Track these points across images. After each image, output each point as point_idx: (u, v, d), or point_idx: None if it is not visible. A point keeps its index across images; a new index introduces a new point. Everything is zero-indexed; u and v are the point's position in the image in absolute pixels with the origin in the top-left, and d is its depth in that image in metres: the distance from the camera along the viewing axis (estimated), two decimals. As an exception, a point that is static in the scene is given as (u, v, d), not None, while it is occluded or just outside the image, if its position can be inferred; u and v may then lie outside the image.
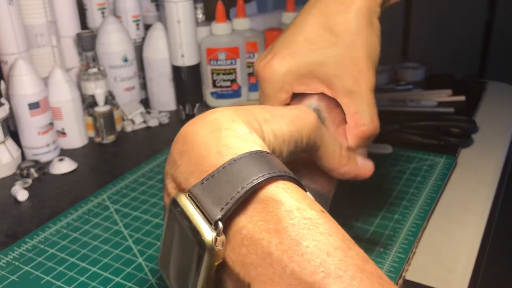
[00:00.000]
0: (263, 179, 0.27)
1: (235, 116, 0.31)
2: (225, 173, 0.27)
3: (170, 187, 0.32)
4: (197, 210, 0.27)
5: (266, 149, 0.30)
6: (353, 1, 0.40)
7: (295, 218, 0.26)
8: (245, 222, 0.27)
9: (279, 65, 0.41)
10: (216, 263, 0.26)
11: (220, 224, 0.26)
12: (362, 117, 0.39)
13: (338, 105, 0.41)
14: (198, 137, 0.30)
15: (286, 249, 0.25)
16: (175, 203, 0.28)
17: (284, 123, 0.33)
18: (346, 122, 0.40)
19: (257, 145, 0.30)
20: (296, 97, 0.42)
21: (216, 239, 0.26)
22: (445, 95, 0.83)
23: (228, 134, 0.30)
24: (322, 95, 0.41)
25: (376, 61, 0.40)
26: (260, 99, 0.43)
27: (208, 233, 0.26)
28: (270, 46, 0.45)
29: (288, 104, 0.42)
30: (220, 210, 0.26)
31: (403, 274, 0.47)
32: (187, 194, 0.28)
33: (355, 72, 0.39)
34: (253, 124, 0.31)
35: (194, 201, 0.27)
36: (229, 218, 0.27)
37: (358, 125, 0.40)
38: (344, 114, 0.41)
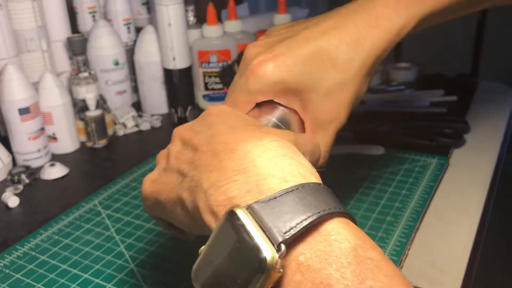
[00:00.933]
0: (329, 212, 0.27)
1: (294, 147, 0.32)
2: (290, 198, 0.27)
3: (189, 183, 0.33)
4: (258, 227, 0.26)
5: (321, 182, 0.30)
6: (369, 38, 0.40)
7: (360, 256, 0.26)
8: (304, 249, 0.26)
9: (275, 71, 0.40)
10: (270, 286, 0.26)
11: (283, 247, 0.26)
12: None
13: (298, 121, 0.42)
14: (260, 159, 0.30)
15: (349, 285, 0.25)
16: (233, 214, 0.27)
17: (307, 157, 0.34)
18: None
19: (317, 178, 0.30)
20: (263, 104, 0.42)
21: (277, 261, 0.26)
22: (437, 96, 0.83)
23: (292, 163, 0.30)
24: (288, 109, 0.42)
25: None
26: (233, 88, 0.42)
27: (270, 254, 0.25)
28: (271, 32, 0.44)
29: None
30: (284, 233, 0.26)
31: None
32: (246, 209, 0.27)
33: (335, 112, 0.41)
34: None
35: (254, 218, 0.27)
36: (288, 244, 0.27)
37: None
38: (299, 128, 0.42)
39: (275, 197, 0.27)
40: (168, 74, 0.82)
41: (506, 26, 1.90)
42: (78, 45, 0.76)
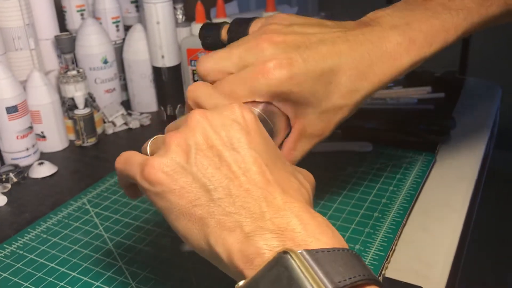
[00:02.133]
0: (371, 278, 0.29)
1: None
2: (338, 256, 0.29)
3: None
4: (311, 272, 0.27)
5: None
6: (378, 73, 0.42)
7: None
8: None
9: (287, 81, 0.40)
10: None
11: None
12: (295, 156, 0.45)
13: (285, 124, 0.43)
14: (303, 222, 0.31)
15: None
16: (287, 255, 0.28)
17: None
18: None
19: (345, 244, 0.32)
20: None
21: None
22: (424, 92, 0.84)
23: (333, 229, 0.32)
24: (280, 111, 0.43)
25: None
26: (232, 75, 0.41)
27: None
28: (282, 23, 0.43)
29: None
30: (338, 282, 0.27)
31: (383, 271, 0.47)
32: (299, 254, 0.28)
33: (325, 128, 0.43)
34: None
35: (306, 262, 0.28)
36: None
37: (290, 157, 0.44)
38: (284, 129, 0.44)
39: (325, 252, 0.29)
40: (157, 72, 0.82)
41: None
42: (66, 43, 0.75)
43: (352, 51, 0.41)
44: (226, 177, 0.33)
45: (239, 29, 0.45)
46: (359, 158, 0.66)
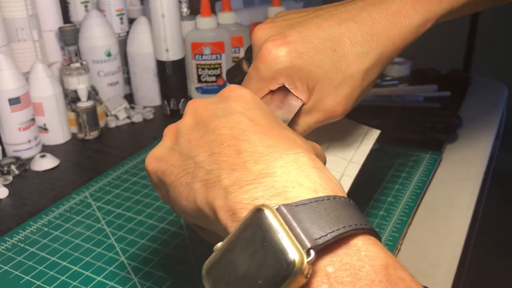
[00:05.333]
0: (360, 227, 0.26)
1: (321, 162, 0.31)
2: (320, 207, 0.26)
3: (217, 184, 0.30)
4: (288, 229, 0.25)
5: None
6: (385, 33, 0.39)
7: (391, 275, 0.25)
8: (333, 260, 0.25)
9: (286, 56, 0.39)
10: None
11: (313, 253, 0.24)
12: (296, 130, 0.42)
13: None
14: (290, 167, 0.29)
15: None
16: (261, 212, 0.26)
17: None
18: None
19: (344, 194, 0.29)
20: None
21: (306, 266, 0.24)
22: (430, 91, 0.83)
23: (322, 176, 0.29)
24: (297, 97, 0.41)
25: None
26: (246, 76, 0.41)
27: (298, 257, 0.24)
28: (278, 16, 0.43)
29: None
30: (315, 239, 0.25)
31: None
32: (274, 210, 0.26)
33: (339, 105, 0.40)
34: None
35: (283, 219, 0.26)
36: (317, 251, 0.25)
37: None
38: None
39: (305, 204, 0.26)
40: (161, 66, 0.82)
41: (499, 22, 1.90)
42: (70, 35, 0.75)
43: (352, 16, 0.39)
44: (209, 140, 0.32)
45: (252, 53, 0.45)
46: (364, 156, 0.65)
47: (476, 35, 1.76)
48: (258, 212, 0.26)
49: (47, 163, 0.68)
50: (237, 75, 0.48)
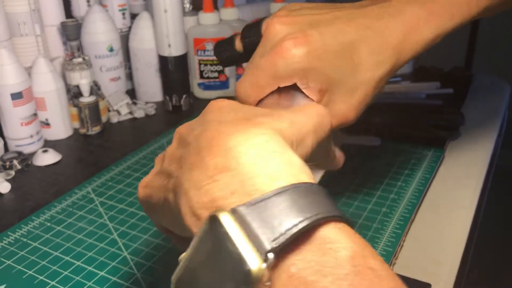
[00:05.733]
0: (323, 216, 0.24)
1: (284, 141, 0.29)
2: (279, 200, 0.24)
3: (174, 183, 0.30)
4: (244, 234, 0.24)
5: (314, 182, 0.27)
6: (400, 46, 0.40)
7: (358, 266, 0.23)
8: (295, 259, 0.24)
9: (306, 57, 0.38)
10: None
11: (271, 256, 0.23)
12: None
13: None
14: (246, 156, 0.27)
15: None
16: (215, 220, 0.24)
17: (309, 139, 0.31)
18: None
19: (309, 177, 0.27)
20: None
21: (264, 273, 0.23)
22: (433, 88, 0.83)
23: (281, 161, 0.27)
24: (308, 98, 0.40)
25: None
26: (253, 68, 0.40)
27: (256, 265, 0.23)
28: (292, 8, 0.42)
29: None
30: (273, 241, 0.23)
31: (391, 267, 0.46)
32: (229, 213, 0.24)
33: (350, 111, 0.40)
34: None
35: (239, 223, 0.24)
36: (278, 252, 0.24)
37: None
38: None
39: (263, 199, 0.24)
40: (163, 61, 0.82)
41: (500, 21, 1.90)
42: (72, 30, 0.75)
43: (370, 24, 0.40)
44: (182, 153, 0.30)
45: (251, 33, 0.44)
46: (367, 153, 0.65)
47: (477, 33, 1.76)
48: (212, 219, 0.24)
49: (49, 158, 0.67)
50: (225, 51, 0.46)
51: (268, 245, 0.23)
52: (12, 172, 0.65)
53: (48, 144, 0.72)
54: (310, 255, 0.24)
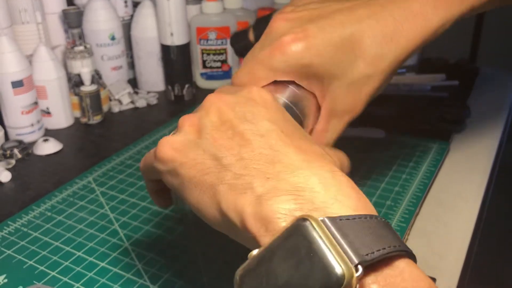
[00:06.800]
0: (401, 249, 0.26)
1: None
2: (364, 225, 0.26)
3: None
4: (335, 242, 0.25)
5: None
6: (405, 34, 0.38)
7: None
8: (377, 279, 0.25)
9: (305, 52, 0.38)
10: None
11: (361, 268, 0.24)
12: (328, 137, 0.42)
13: (315, 105, 0.41)
14: (328, 184, 0.29)
15: None
16: (307, 223, 0.25)
17: None
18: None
19: (374, 211, 0.29)
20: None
21: (354, 281, 0.24)
22: (439, 80, 0.82)
23: (360, 196, 0.29)
24: (306, 92, 0.40)
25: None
26: (251, 60, 0.40)
27: (348, 273, 0.24)
28: (297, 3, 0.42)
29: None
30: (366, 255, 0.24)
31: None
32: (320, 222, 0.26)
33: (354, 104, 0.40)
34: None
35: (329, 232, 0.25)
36: (364, 267, 0.25)
37: (322, 139, 0.42)
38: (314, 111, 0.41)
39: (349, 219, 0.26)
40: (166, 50, 0.81)
41: (505, 12, 1.88)
42: (73, 17, 0.74)
43: (373, 14, 0.39)
44: (238, 144, 0.31)
45: (262, 25, 0.44)
46: (371, 145, 0.65)
47: (482, 25, 1.74)
48: (303, 221, 0.25)
49: (50, 147, 0.67)
50: (240, 41, 0.47)
51: (357, 259, 0.24)
52: (13, 161, 0.64)
53: (49, 133, 0.72)
54: (391, 279, 0.25)
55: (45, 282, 0.44)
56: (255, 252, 0.27)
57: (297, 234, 0.25)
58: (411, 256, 0.27)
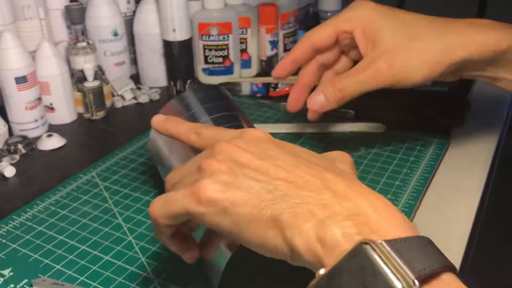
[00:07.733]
0: (447, 265, 0.29)
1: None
2: (414, 245, 0.29)
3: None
4: (393, 261, 0.28)
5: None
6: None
7: None
8: None
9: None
10: None
11: (417, 282, 0.27)
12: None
13: None
14: (377, 208, 0.31)
15: None
16: (369, 246, 0.29)
17: None
18: None
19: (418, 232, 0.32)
20: None
21: None
22: (439, 74, 0.82)
23: (405, 218, 0.32)
24: None
25: None
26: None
27: (407, 285, 0.27)
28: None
29: None
30: (420, 271, 0.28)
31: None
32: (378, 244, 0.29)
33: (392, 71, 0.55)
34: None
35: (387, 252, 0.28)
36: (419, 282, 0.28)
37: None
38: None
39: (402, 242, 0.29)
40: (168, 46, 0.81)
41: (507, 8, 1.88)
42: (76, 13, 0.74)
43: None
44: (279, 179, 0.33)
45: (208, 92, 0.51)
46: (371, 139, 0.65)
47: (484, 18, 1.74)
48: (365, 244, 0.29)
49: (54, 142, 0.68)
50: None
51: (413, 275, 0.27)
52: (17, 157, 0.65)
53: (53, 129, 0.72)
54: None
55: (50, 275, 0.45)
56: (322, 271, 0.29)
57: (360, 255, 0.29)
58: (454, 270, 0.30)
